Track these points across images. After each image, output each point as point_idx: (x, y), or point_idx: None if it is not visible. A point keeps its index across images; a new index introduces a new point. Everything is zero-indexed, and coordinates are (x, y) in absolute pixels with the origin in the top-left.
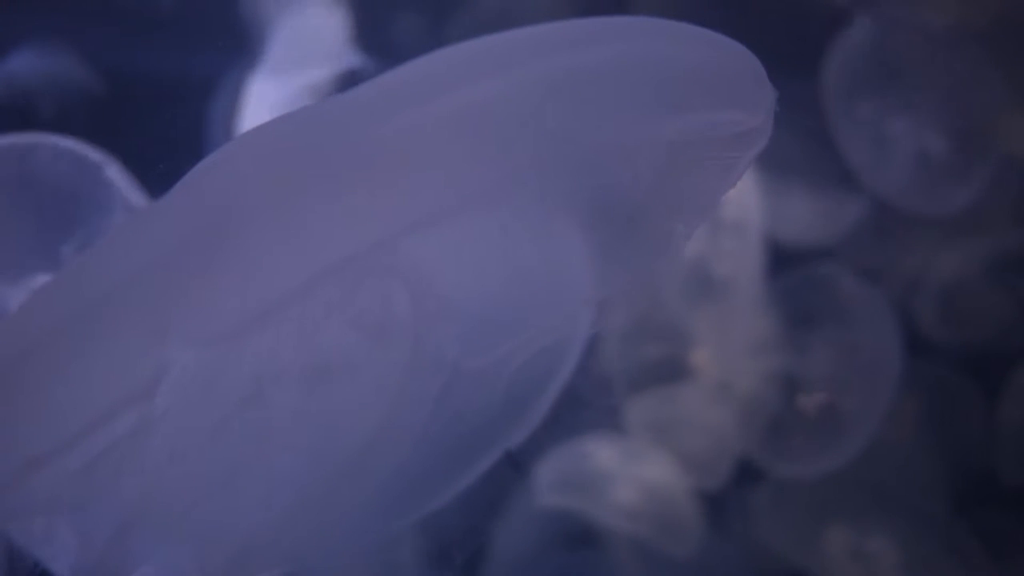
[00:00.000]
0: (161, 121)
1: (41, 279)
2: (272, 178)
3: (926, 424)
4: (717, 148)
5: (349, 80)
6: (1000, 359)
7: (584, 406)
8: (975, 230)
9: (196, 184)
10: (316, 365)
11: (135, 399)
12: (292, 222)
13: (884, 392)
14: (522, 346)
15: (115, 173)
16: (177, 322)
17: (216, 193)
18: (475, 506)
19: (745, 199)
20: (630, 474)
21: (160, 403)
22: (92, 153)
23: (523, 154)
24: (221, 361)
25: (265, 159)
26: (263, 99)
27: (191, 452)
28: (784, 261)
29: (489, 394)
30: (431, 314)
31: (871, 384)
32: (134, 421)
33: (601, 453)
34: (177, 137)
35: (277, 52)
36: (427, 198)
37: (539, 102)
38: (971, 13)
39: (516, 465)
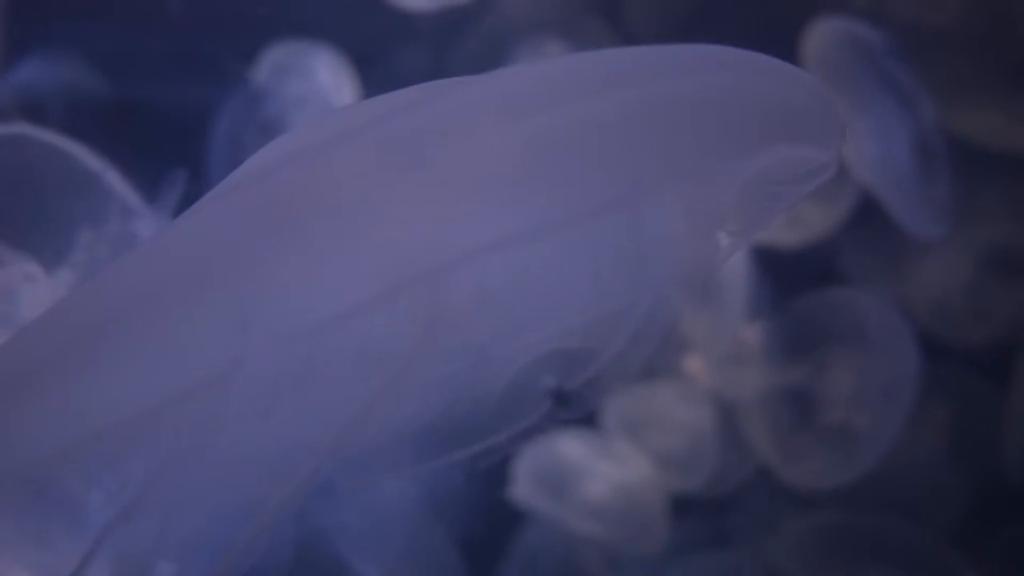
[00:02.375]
0: (171, 128)
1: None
2: (356, 181)
3: (935, 429)
4: (784, 181)
5: None
6: (1007, 357)
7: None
8: (965, 227)
9: (271, 178)
10: (362, 354)
11: (210, 382)
12: (373, 231)
13: (893, 401)
14: (553, 339)
15: (112, 179)
16: (259, 316)
17: (296, 190)
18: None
19: None
20: (602, 472)
21: (235, 388)
22: (86, 158)
23: (604, 177)
24: (290, 353)
25: (348, 159)
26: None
27: (247, 429)
28: (774, 263)
29: (507, 374)
30: (482, 318)
31: (878, 394)
32: (205, 402)
33: (575, 449)
34: (188, 144)
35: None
36: (508, 216)
37: (628, 129)
38: (933, 11)
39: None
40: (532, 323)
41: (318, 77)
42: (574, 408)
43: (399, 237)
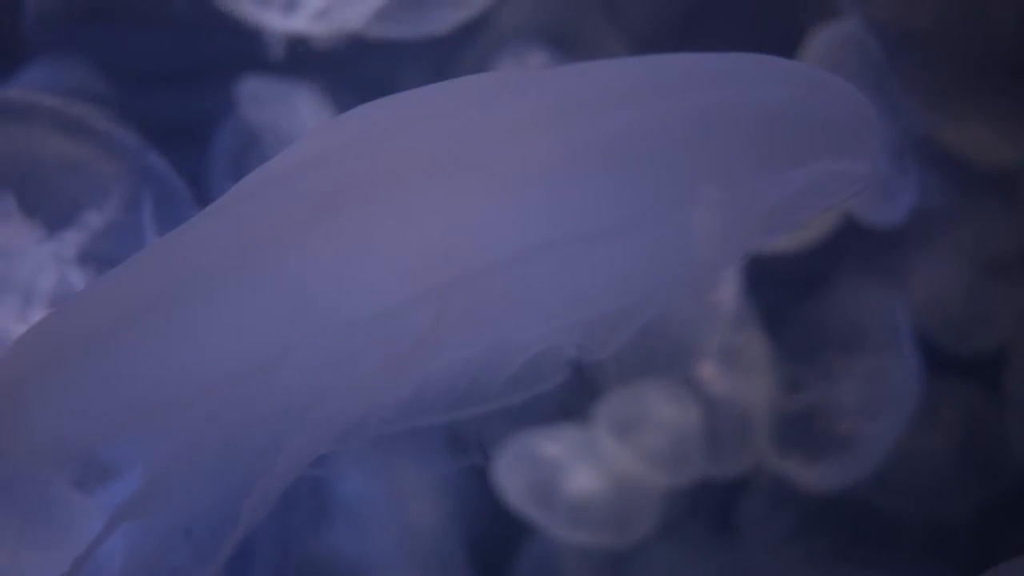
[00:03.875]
0: (176, 132)
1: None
2: (403, 178)
3: (939, 433)
4: (820, 192)
5: None
6: (1006, 361)
7: (556, 397)
8: (951, 236)
9: (316, 173)
10: (392, 343)
11: (262, 367)
12: (417, 229)
13: (897, 405)
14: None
15: (127, 150)
16: (315, 305)
17: (342, 186)
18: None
19: None
20: (592, 472)
21: (286, 371)
22: (97, 124)
23: (645, 183)
24: (335, 341)
25: (394, 155)
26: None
27: (276, 412)
28: (774, 266)
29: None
30: (510, 313)
31: (882, 397)
32: (245, 387)
33: (564, 449)
34: (192, 148)
35: None
36: (547, 220)
37: (672, 137)
38: (915, 15)
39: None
40: (554, 316)
41: (307, 105)
42: (577, 396)
43: (441, 236)
